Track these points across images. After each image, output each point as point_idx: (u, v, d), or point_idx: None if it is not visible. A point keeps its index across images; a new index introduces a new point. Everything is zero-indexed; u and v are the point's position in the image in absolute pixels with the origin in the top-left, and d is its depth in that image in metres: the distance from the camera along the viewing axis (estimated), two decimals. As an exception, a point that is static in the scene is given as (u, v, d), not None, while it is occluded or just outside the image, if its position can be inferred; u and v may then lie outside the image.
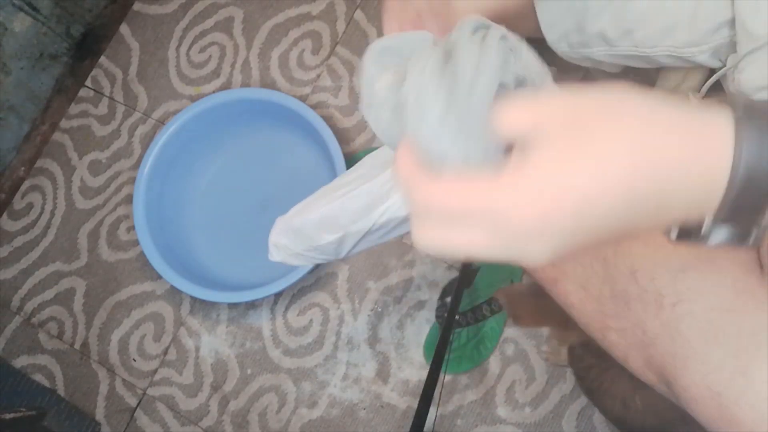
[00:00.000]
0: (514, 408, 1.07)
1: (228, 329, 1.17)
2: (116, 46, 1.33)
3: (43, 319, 1.23)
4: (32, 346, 1.22)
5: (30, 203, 1.29)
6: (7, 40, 1.18)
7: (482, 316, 1.08)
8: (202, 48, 1.30)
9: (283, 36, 1.27)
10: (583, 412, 1.05)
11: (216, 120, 1.19)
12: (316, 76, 1.24)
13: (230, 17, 1.30)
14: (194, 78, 1.28)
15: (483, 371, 1.08)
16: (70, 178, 1.28)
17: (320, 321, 1.15)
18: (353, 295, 1.15)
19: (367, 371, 1.11)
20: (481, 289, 1.09)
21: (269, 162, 1.21)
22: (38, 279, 1.25)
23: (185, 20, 1.31)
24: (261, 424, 1.12)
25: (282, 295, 1.16)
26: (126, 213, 1.24)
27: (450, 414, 1.07)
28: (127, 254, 1.23)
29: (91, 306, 1.22)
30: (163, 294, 1.20)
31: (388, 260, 1.15)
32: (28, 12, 1.19)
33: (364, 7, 1.25)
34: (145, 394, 1.17)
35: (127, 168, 1.26)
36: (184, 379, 1.16)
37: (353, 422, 1.10)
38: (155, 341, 1.18)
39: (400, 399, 1.10)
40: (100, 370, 1.19)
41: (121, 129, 1.29)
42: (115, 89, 1.31)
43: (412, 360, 1.11)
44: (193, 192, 1.22)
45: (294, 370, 1.13)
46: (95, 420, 1.16)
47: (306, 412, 1.12)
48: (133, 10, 1.34)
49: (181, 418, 1.14)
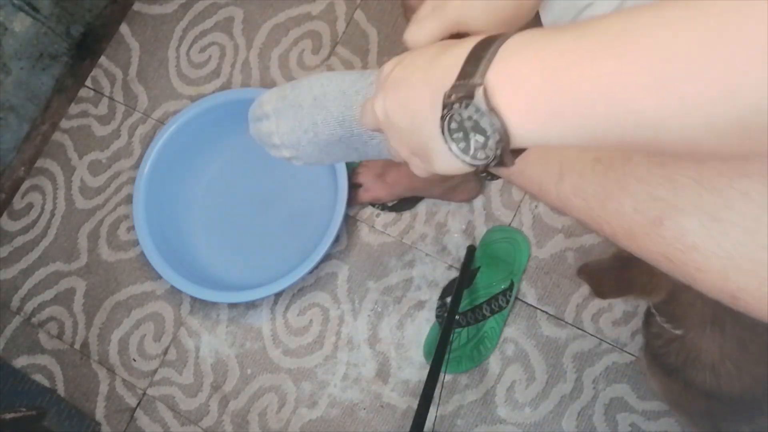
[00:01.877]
0: (514, 408, 1.07)
1: (228, 329, 1.17)
2: (116, 46, 1.33)
3: (43, 319, 1.23)
4: (32, 346, 1.22)
5: (30, 203, 1.29)
6: (7, 40, 1.18)
7: (482, 316, 1.08)
8: (202, 48, 1.30)
9: (283, 36, 1.27)
10: (583, 412, 1.05)
11: (216, 120, 1.19)
12: (316, 76, 1.24)
13: (230, 17, 1.30)
14: (194, 78, 1.28)
15: (483, 371, 1.08)
16: (70, 178, 1.28)
17: (320, 321, 1.15)
18: (353, 295, 1.15)
19: (367, 371, 1.11)
20: (481, 289, 1.09)
21: (269, 162, 1.20)
22: (38, 279, 1.25)
23: (185, 20, 1.31)
24: (261, 424, 1.12)
25: (282, 295, 1.16)
26: (126, 213, 1.24)
27: (450, 414, 1.07)
28: (127, 254, 1.23)
29: (91, 306, 1.22)
30: (163, 294, 1.20)
31: (388, 260, 1.15)
32: (28, 12, 1.19)
33: (364, 7, 1.25)
34: (145, 394, 1.17)
35: (127, 168, 1.26)
36: (184, 379, 1.16)
37: (353, 422, 1.10)
38: (155, 341, 1.18)
39: (400, 399, 1.10)
40: (100, 370, 1.19)
41: (121, 129, 1.29)
42: (115, 89, 1.31)
43: (412, 360, 1.11)
44: (193, 192, 1.22)
45: (294, 370, 1.13)
46: (95, 420, 1.16)
47: (306, 412, 1.12)
48: (133, 10, 1.34)
49: (181, 418, 1.14)
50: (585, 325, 1.07)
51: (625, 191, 0.41)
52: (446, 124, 0.36)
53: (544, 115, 0.32)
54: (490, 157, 0.36)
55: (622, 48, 0.29)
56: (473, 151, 0.36)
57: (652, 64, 0.28)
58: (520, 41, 0.34)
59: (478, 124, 0.34)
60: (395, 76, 0.42)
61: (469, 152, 0.37)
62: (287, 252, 1.15)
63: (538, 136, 0.33)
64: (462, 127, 0.36)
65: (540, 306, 1.09)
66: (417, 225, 1.15)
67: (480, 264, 1.10)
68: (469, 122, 0.35)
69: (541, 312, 1.09)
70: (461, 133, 0.36)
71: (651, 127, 0.30)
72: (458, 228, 1.14)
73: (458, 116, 0.35)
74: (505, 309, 1.08)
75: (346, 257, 1.16)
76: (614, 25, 0.30)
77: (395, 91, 0.41)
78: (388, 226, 1.16)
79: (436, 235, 1.14)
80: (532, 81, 0.32)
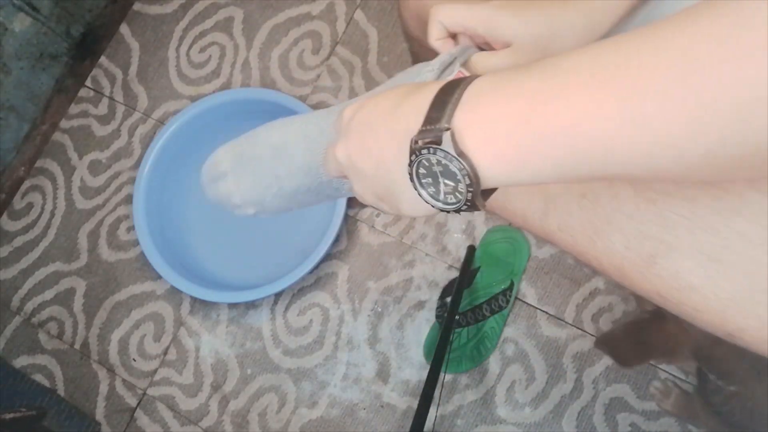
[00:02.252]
0: (514, 408, 1.07)
1: (228, 329, 1.17)
2: (116, 46, 1.33)
3: (43, 319, 1.23)
4: (32, 346, 1.22)
5: (30, 203, 1.29)
6: (7, 40, 1.18)
7: (482, 316, 1.08)
8: (202, 48, 1.30)
9: (283, 36, 1.27)
10: (583, 412, 1.05)
11: (216, 120, 1.19)
12: (316, 76, 1.24)
13: (230, 17, 1.30)
14: (194, 78, 1.28)
15: (483, 371, 1.08)
16: (70, 178, 1.28)
17: (320, 321, 1.14)
18: (353, 295, 1.14)
19: (367, 371, 1.11)
20: (481, 289, 1.09)
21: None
22: (38, 279, 1.25)
23: (185, 20, 1.31)
24: (261, 424, 1.12)
25: (282, 295, 1.16)
26: (126, 213, 1.24)
27: (450, 414, 1.07)
28: (127, 254, 1.23)
29: (91, 306, 1.22)
30: (163, 294, 1.20)
31: (388, 260, 1.15)
32: (28, 12, 1.19)
33: (364, 7, 1.25)
34: (145, 394, 1.17)
35: (127, 168, 1.26)
36: (184, 379, 1.16)
37: (353, 422, 1.10)
38: (155, 341, 1.18)
39: (400, 399, 1.10)
40: (100, 370, 1.19)
41: (121, 129, 1.29)
42: (115, 89, 1.31)
43: (412, 360, 1.11)
44: (193, 192, 1.22)
45: (294, 370, 1.13)
46: (95, 420, 1.16)
47: (306, 412, 1.12)
48: (133, 10, 1.34)
49: (181, 418, 1.14)
50: (585, 325, 1.07)
51: (615, 228, 0.41)
52: (414, 169, 0.36)
53: (515, 157, 0.32)
54: (461, 200, 0.35)
55: (593, 89, 0.29)
56: (443, 195, 0.36)
57: (624, 104, 0.28)
58: (486, 84, 0.34)
59: (447, 168, 0.34)
60: (358, 120, 0.41)
61: (439, 197, 0.36)
62: (287, 252, 1.15)
63: (509, 178, 0.34)
64: (431, 173, 0.35)
65: (540, 306, 1.09)
66: (417, 225, 1.15)
67: (480, 264, 1.10)
68: (438, 167, 0.35)
69: (541, 312, 1.09)
70: (430, 179, 0.36)
71: (621, 163, 0.30)
72: (458, 228, 1.14)
73: (426, 161, 0.35)
74: (505, 309, 1.08)
75: (346, 257, 1.16)
76: (582, 65, 0.30)
77: (358, 137, 0.41)
78: (388, 226, 1.16)
79: (436, 235, 1.14)
80: (501, 124, 0.32)
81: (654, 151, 0.29)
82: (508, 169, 0.33)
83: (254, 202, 0.55)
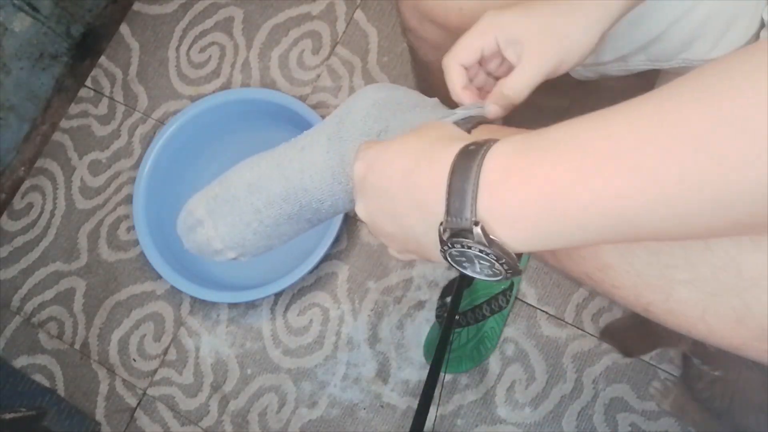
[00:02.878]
0: (514, 408, 1.07)
1: (228, 329, 1.17)
2: (116, 46, 1.33)
3: (43, 319, 1.23)
4: (32, 346, 1.22)
5: (30, 203, 1.29)
6: (7, 40, 1.18)
7: (482, 316, 1.08)
8: (202, 48, 1.30)
9: (283, 36, 1.27)
10: (583, 412, 1.05)
11: (216, 120, 1.19)
12: (316, 76, 1.24)
13: (230, 17, 1.30)
14: (194, 78, 1.28)
15: (483, 371, 1.08)
16: (70, 178, 1.28)
17: (320, 321, 1.14)
18: (353, 295, 1.14)
19: (367, 371, 1.11)
20: (481, 289, 1.09)
21: (269, 162, 1.21)
22: (38, 279, 1.25)
23: (185, 20, 1.31)
24: (261, 424, 1.12)
25: (282, 295, 1.16)
26: (126, 213, 1.24)
27: (450, 414, 1.07)
28: (127, 254, 1.23)
29: (91, 306, 1.22)
30: (163, 294, 1.20)
31: (388, 260, 1.15)
32: (28, 12, 1.19)
33: (364, 7, 1.25)
34: (145, 394, 1.17)
35: (127, 168, 1.26)
36: (184, 379, 1.16)
37: (353, 422, 1.10)
38: (155, 341, 1.18)
39: (400, 399, 1.10)
40: (100, 370, 1.19)
41: (121, 129, 1.29)
42: (115, 89, 1.31)
43: (412, 360, 1.11)
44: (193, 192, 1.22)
45: (294, 370, 1.13)
46: (95, 420, 1.16)
47: (306, 412, 1.12)
48: (133, 10, 1.34)
49: (181, 418, 1.14)
50: (585, 325, 1.07)
51: None
52: (447, 253, 0.38)
53: (545, 237, 0.35)
54: (500, 274, 0.38)
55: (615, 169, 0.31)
56: (479, 268, 0.38)
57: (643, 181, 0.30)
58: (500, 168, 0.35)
59: (481, 252, 0.36)
60: (372, 184, 0.42)
61: (476, 270, 0.39)
62: (287, 252, 1.15)
63: (537, 247, 0.36)
64: (465, 256, 0.37)
65: (540, 306, 1.09)
66: (417, 225, 1.15)
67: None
68: (472, 252, 0.37)
69: (541, 312, 1.09)
70: (464, 259, 0.38)
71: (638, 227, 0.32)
72: (458, 228, 1.14)
73: (459, 246, 0.37)
74: (505, 309, 1.08)
75: (346, 257, 1.16)
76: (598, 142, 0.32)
77: (377, 201, 0.42)
78: (388, 226, 1.16)
79: (436, 235, 1.14)
80: (527, 211, 0.34)
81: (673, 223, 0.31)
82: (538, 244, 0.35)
83: (235, 244, 0.55)
